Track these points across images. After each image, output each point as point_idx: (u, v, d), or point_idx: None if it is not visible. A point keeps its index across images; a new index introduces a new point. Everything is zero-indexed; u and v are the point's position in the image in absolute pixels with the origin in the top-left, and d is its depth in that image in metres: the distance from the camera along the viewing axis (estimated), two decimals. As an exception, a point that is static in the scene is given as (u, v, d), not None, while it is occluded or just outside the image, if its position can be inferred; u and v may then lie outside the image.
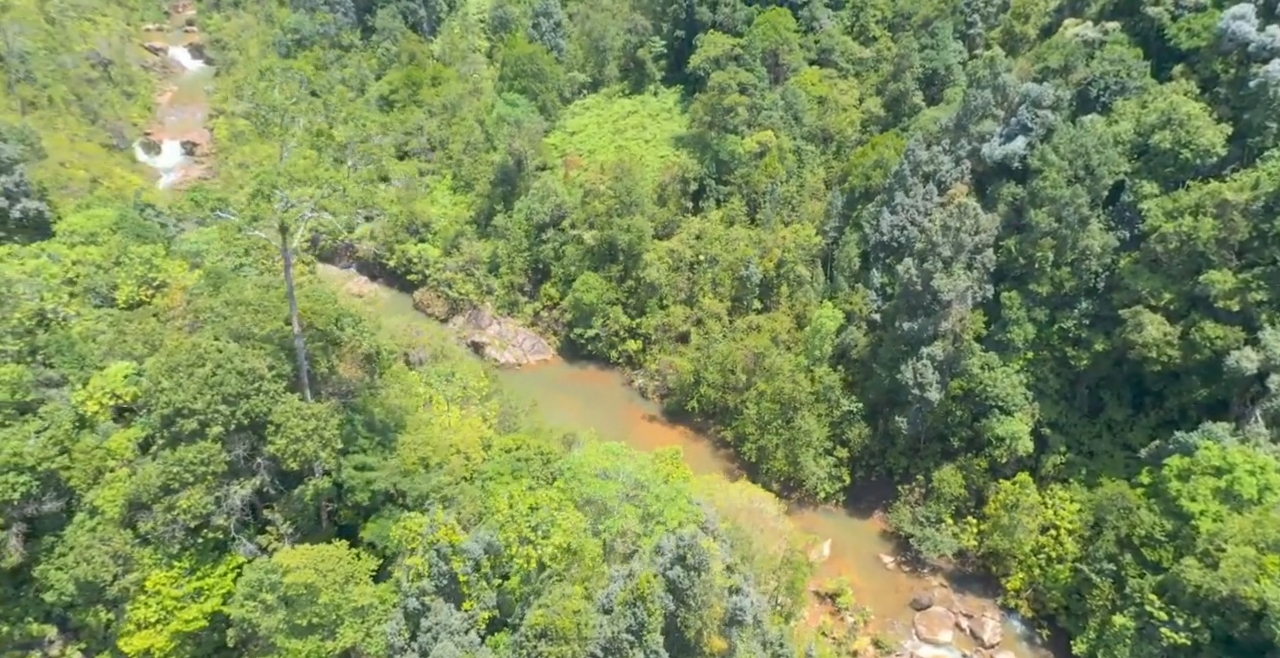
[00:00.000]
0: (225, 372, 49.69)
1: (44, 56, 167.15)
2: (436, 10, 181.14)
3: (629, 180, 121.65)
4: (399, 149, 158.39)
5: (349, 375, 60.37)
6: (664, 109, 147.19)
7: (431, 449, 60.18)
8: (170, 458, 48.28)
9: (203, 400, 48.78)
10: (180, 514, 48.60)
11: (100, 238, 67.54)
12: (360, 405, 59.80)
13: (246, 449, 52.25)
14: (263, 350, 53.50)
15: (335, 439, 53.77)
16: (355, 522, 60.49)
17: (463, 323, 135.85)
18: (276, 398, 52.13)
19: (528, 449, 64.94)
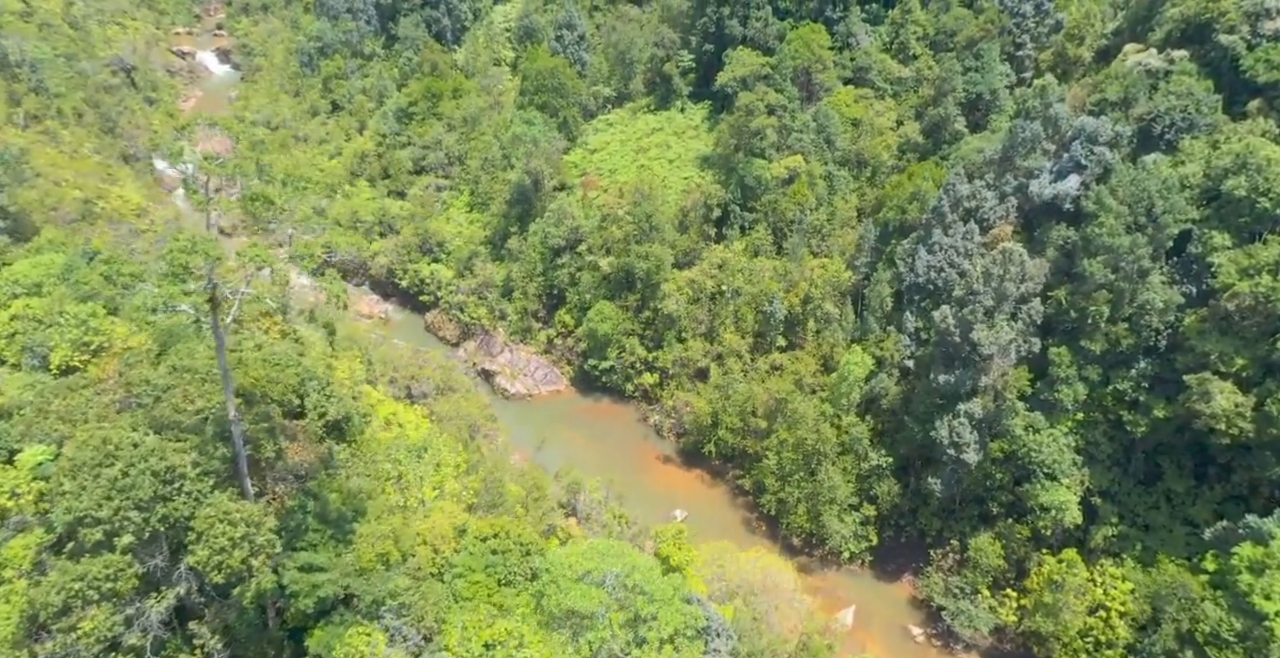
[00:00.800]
0: (138, 472, 42.35)
1: (61, 64, 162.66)
2: (461, 19, 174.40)
3: (649, 205, 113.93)
4: (416, 163, 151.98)
5: (301, 459, 53.15)
6: (690, 126, 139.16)
7: (394, 542, 53.01)
8: (71, 572, 41.11)
9: (109, 507, 41.23)
10: (82, 638, 41.47)
11: (46, 288, 61.08)
12: (316, 489, 52.69)
13: (165, 558, 45.05)
14: (187, 443, 46.05)
15: (272, 544, 46.50)
16: (308, 623, 52.98)
17: (474, 348, 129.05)
18: (200, 500, 44.67)
19: (505, 539, 57.41)
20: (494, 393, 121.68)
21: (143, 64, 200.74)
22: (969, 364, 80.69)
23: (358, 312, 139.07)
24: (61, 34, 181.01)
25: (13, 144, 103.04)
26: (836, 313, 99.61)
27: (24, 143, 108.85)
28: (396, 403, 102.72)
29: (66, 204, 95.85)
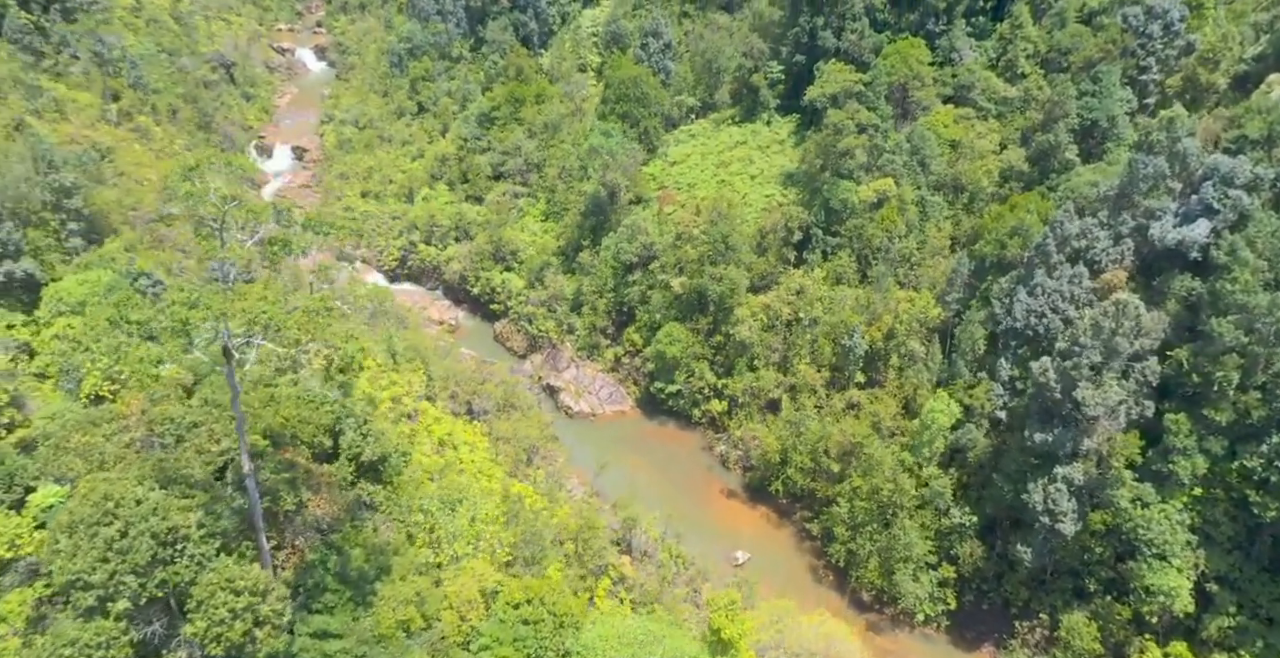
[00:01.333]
0: (137, 534, 38.41)
1: (163, 60, 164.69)
2: (548, 23, 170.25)
3: (726, 225, 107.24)
4: (495, 169, 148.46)
5: (324, 512, 48.68)
6: (776, 140, 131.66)
7: (418, 606, 48.13)
8: (63, 637, 37.46)
9: (104, 571, 37.33)
10: (73, 706, 37.93)
11: (89, 307, 58.35)
12: (339, 543, 48.21)
13: (164, 624, 41.12)
14: (194, 500, 41.87)
15: (279, 614, 41.96)
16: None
17: (540, 362, 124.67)
18: (204, 564, 40.58)
19: (539, 607, 51.93)
20: (557, 410, 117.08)
21: (243, 60, 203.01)
22: (1070, 424, 71.91)
23: (428, 317, 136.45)
24: (167, 30, 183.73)
25: (100, 143, 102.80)
26: (922, 352, 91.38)
27: (112, 141, 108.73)
28: (455, 419, 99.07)
29: (145, 204, 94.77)
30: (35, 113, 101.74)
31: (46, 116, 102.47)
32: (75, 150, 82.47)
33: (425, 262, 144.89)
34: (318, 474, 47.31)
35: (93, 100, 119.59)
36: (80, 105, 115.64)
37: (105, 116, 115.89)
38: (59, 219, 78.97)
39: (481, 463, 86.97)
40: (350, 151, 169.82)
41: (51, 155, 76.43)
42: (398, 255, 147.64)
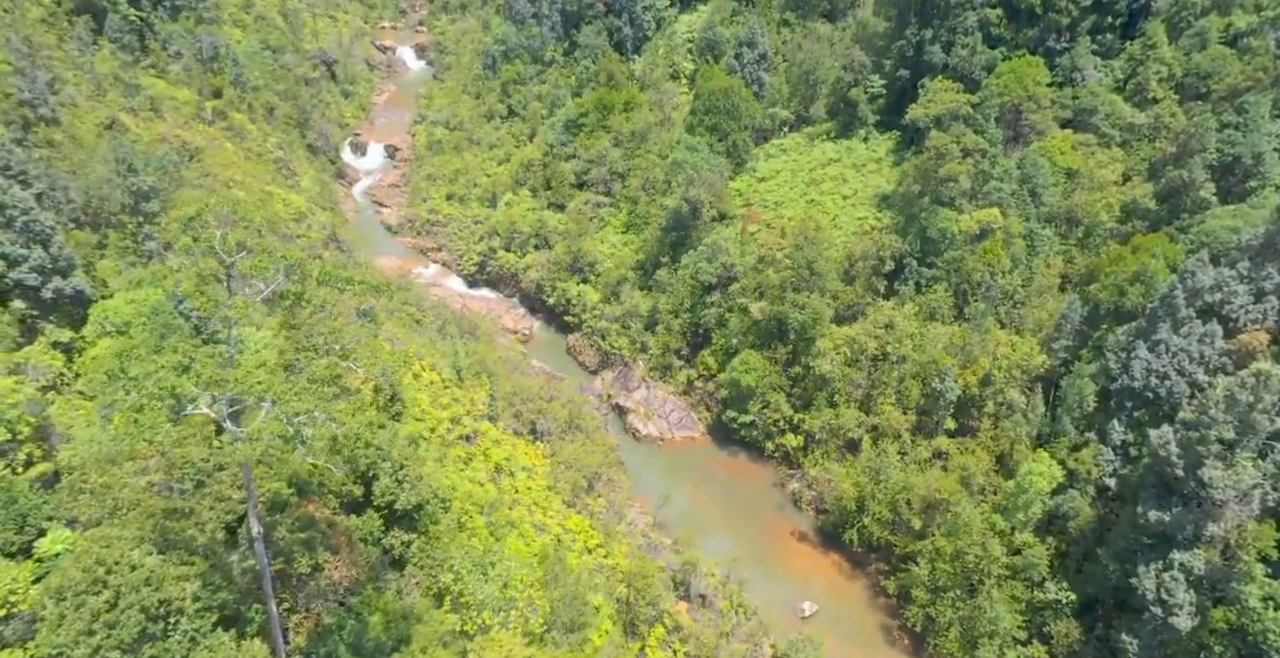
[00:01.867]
0: (127, 605, 34.49)
1: (267, 57, 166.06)
2: (643, 28, 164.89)
3: (813, 250, 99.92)
4: (579, 177, 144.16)
5: (342, 575, 44.08)
6: (872, 159, 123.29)
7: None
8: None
9: (87, 646, 33.34)
10: None
11: (134, 329, 55.84)
12: (358, 608, 43.59)
13: None
14: (194, 567, 37.51)
15: None
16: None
17: (611, 379, 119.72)
18: (198, 640, 36.43)
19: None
20: (624, 432, 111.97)
21: (344, 58, 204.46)
22: (1192, 504, 62.67)
23: (503, 326, 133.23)
24: (274, 27, 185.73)
25: (190, 142, 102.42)
26: (1022, 403, 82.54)
27: (204, 140, 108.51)
28: (517, 439, 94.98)
29: (222, 206, 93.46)
30: (131, 111, 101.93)
31: (142, 115, 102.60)
32: (160, 151, 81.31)
33: (504, 268, 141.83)
34: (340, 530, 43.17)
35: (192, 97, 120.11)
36: (179, 102, 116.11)
37: (200, 115, 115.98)
38: (136, 222, 77.71)
39: (538, 492, 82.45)
40: (439, 153, 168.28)
41: (131, 158, 75.02)
42: (477, 261, 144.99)
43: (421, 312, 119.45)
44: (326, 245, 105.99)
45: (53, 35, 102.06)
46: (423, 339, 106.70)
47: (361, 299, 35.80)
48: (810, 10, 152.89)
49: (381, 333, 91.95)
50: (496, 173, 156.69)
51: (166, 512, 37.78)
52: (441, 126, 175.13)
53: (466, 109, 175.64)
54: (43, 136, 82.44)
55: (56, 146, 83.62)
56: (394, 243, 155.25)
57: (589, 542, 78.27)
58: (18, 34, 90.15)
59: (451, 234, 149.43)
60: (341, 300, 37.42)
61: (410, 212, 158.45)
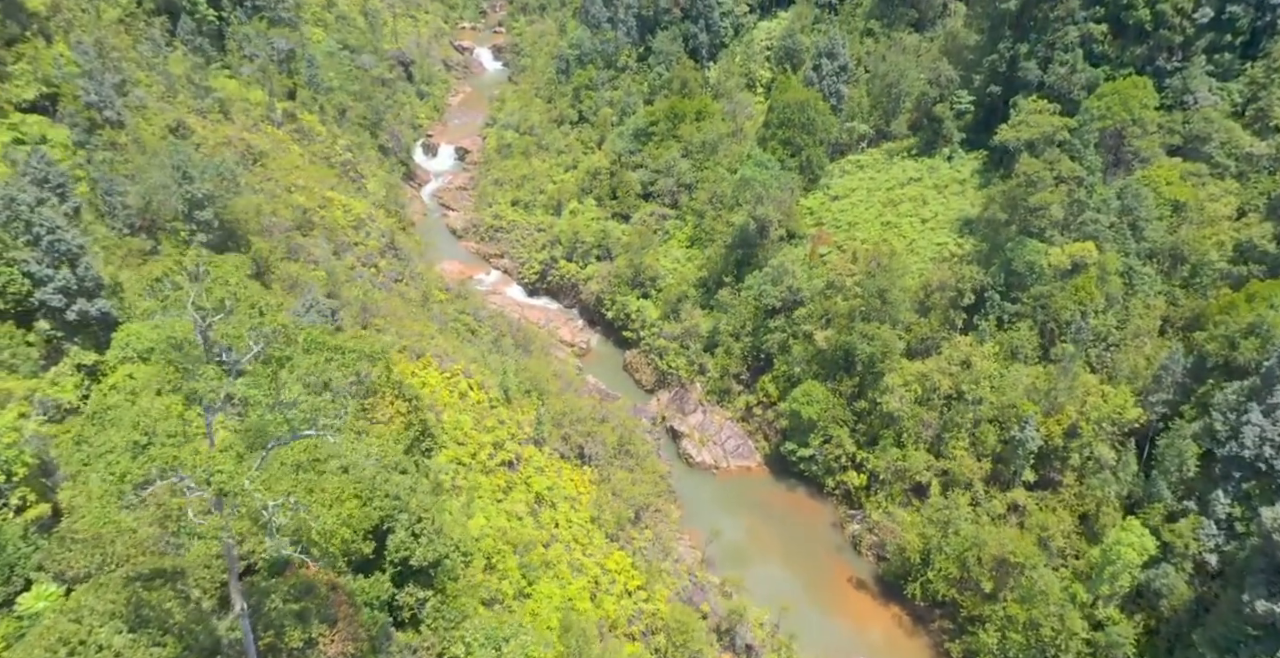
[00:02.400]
0: None
1: (344, 58, 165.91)
2: (720, 35, 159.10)
3: (885, 278, 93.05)
4: (645, 187, 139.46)
5: (337, 652, 39.68)
6: (956, 179, 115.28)
7: None
8: None
9: None
10: None
11: (155, 357, 52.73)
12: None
13: None
14: (166, 649, 33.42)
15: None
16: None
17: (666, 401, 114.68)
18: None
19: None
20: (678, 457, 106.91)
21: (421, 58, 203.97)
22: (1313, 598, 54.61)
23: (560, 338, 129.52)
24: (354, 26, 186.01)
25: (255, 146, 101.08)
26: (1112, 459, 74.58)
27: (270, 143, 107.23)
28: (563, 464, 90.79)
29: (282, 215, 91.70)
30: (200, 113, 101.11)
31: (210, 117, 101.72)
32: (220, 157, 79.46)
33: (564, 278, 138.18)
34: (343, 595, 39.17)
35: (263, 99, 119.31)
36: (249, 105, 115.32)
37: (270, 117, 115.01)
38: (189, 229, 75.91)
39: (580, 526, 77.97)
40: (508, 157, 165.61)
41: (187, 165, 73.12)
42: (538, 269, 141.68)
43: (478, 322, 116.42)
44: (384, 254, 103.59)
45: (128, 37, 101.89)
46: (475, 352, 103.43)
47: (351, 370, 31.32)
48: (897, 19, 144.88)
49: (432, 348, 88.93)
50: (563, 180, 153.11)
51: (151, 575, 34.20)
52: (512, 130, 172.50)
53: (537, 113, 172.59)
54: (106, 139, 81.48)
55: (120, 149, 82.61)
56: (458, 247, 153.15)
57: (629, 583, 73.55)
58: (90, 36, 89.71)
59: (514, 241, 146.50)
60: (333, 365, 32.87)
61: (475, 216, 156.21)
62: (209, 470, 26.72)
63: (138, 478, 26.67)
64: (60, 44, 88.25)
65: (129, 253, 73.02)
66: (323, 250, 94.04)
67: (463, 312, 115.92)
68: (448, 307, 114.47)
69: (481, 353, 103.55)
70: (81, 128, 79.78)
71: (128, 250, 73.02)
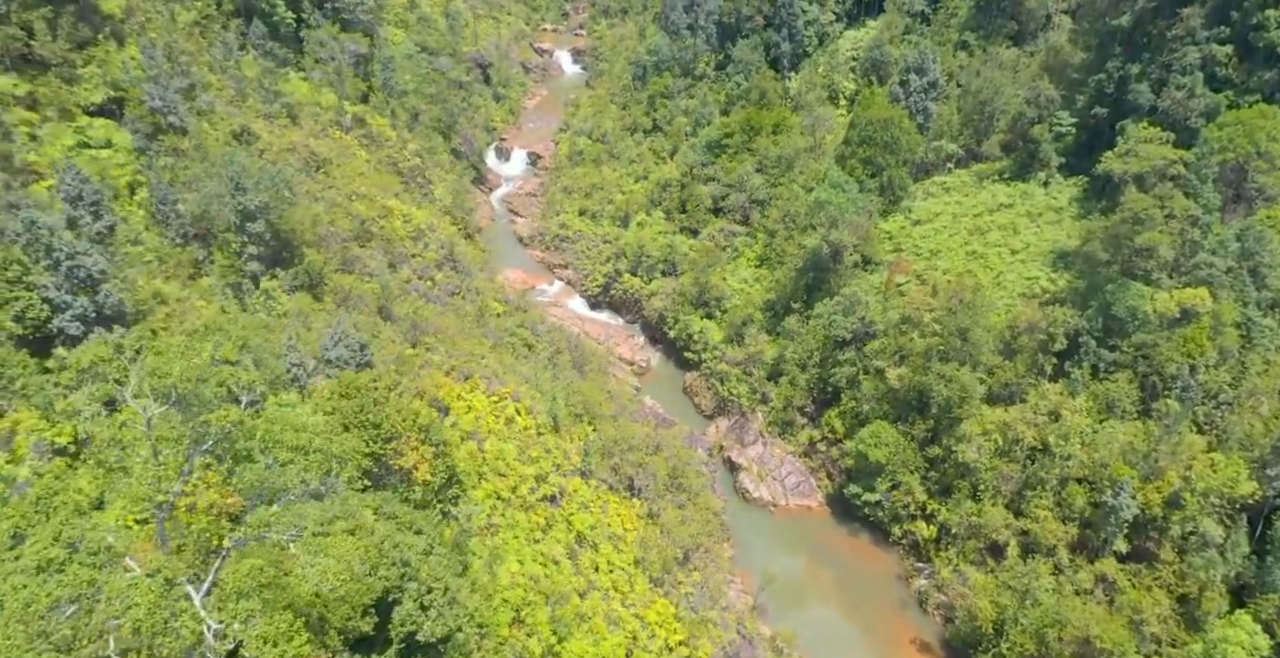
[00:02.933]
0: None
1: (421, 60, 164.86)
2: (803, 44, 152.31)
3: (968, 316, 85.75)
4: (715, 201, 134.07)
5: None
6: (1051, 207, 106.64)
7: None
8: None
9: None
10: None
11: (179, 387, 49.45)
12: None
13: None
14: None
15: None
16: None
17: (725, 429, 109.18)
18: None
19: None
20: (734, 492, 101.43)
21: (499, 61, 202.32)
22: None
23: (619, 356, 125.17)
24: (434, 28, 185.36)
25: (319, 153, 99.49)
26: (1219, 538, 66.28)
27: (336, 150, 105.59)
28: (610, 495, 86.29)
29: (340, 226, 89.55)
30: (268, 117, 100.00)
31: (277, 122, 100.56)
32: (278, 167, 77.54)
33: (627, 293, 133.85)
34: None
35: (334, 102, 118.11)
36: (319, 109, 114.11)
37: (339, 121, 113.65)
38: (240, 241, 74.03)
39: (621, 571, 73.19)
40: (579, 164, 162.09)
41: (241, 177, 71.14)
42: (602, 282, 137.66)
43: (536, 337, 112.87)
44: (441, 266, 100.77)
45: (203, 40, 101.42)
46: (529, 369, 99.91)
47: (313, 474, 26.94)
48: (994, 32, 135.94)
49: (481, 369, 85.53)
50: (632, 190, 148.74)
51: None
52: (585, 136, 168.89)
53: (611, 120, 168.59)
54: (169, 145, 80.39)
55: (182, 155, 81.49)
56: (523, 255, 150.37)
57: (670, 638, 68.60)
58: (162, 39, 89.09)
59: (579, 252, 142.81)
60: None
61: (542, 224, 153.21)
62: (127, 601, 22.70)
63: (43, 607, 22.82)
64: (132, 47, 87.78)
65: (179, 264, 71.43)
66: (378, 262, 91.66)
67: (520, 325, 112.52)
68: (506, 320, 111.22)
69: (535, 371, 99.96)
70: (144, 133, 78.77)
71: (178, 261, 71.43)
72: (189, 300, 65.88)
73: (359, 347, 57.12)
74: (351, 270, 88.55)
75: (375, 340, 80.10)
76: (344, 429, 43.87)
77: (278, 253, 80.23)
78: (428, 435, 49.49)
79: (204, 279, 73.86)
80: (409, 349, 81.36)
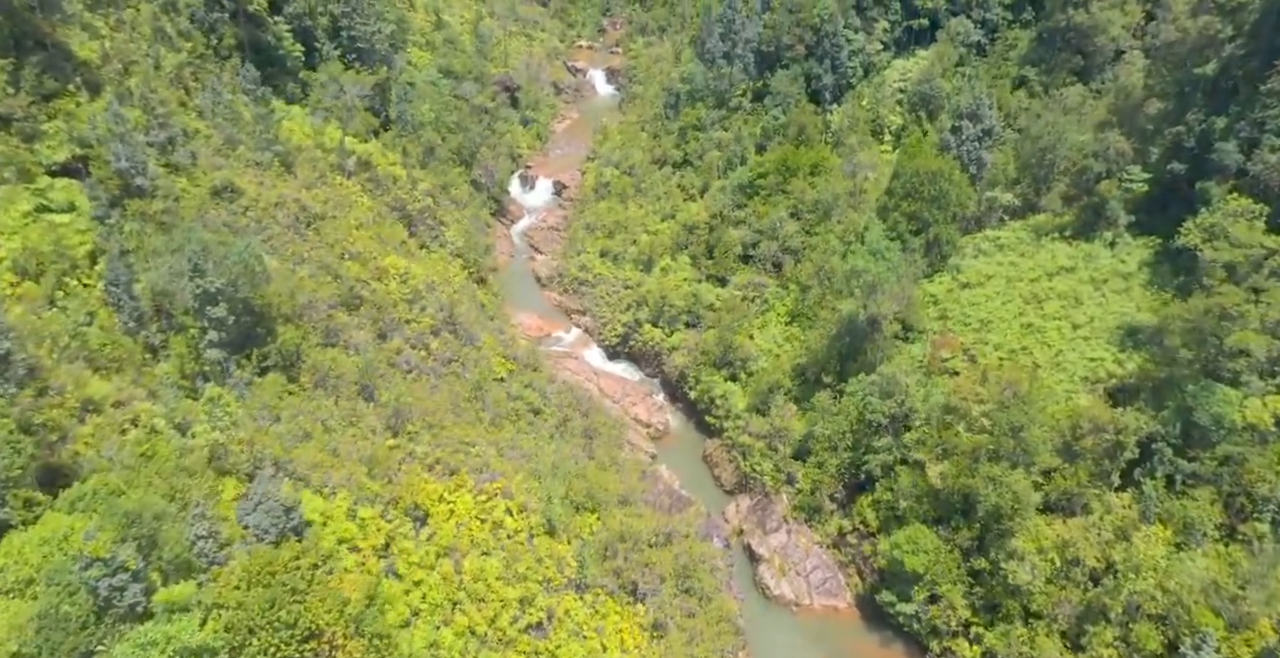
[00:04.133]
0: None
1: (443, 86, 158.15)
2: (846, 76, 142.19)
3: (1022, 412, 75.31)
4: (746, 248, 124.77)
5: None
6: (1119, 273, 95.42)
7: None
8: None
9: None
10: None
11: (35, 588, 41.72)
12: None
13: None
14: None
15: None
16: None
17: (746, 510, 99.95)
18: None
19: None
20: (753, 584, 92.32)
21: (528, 84, 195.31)
22: None
23: (635, 417, 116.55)
24: (460, 50, 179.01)
25: (310, 208, 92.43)
26: (1325, 717, 55.48)
27: (333, 200, 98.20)
28: (610, 600, 77.60)
29: (322, 294, 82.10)
30: (260, 166, 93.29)
31: (270, 172, 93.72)
32: (246, 243, 69.83)
33: (647, 345, 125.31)
34: None
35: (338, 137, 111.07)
36: (324, 150, 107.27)
37: (342, 165, 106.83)
38: (200, 327, 66.97)
39: None
40: (604, 197, 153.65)
41: (200, 258, 64.05)
42: (621, 332, 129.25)
43: (545, 399, 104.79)
44: (438, 332, 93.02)
45: (196, 81, 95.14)
46: (530, 443, 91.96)
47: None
48: (1057, 66, 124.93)
49: (470, 461, 77.46)
50: (658, 230, 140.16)
51: None
52: (612, 167, 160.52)
53: (640, 151, 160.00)
54: (134, 210, 73.82)
55: (149, 220, 74.88)
56: (540, 297, 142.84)
57: None
58: (140, 87, 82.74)
59: (598, 297, 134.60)
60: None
61: (562, 264, 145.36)
62: None
63: None
64: (107, 97, 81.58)
65: (129, 353, 64.48)
66: (366, 333, 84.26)
67: (528, 386, 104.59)
68: (513, 382, 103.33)
69: (538, 445, 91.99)
70: (106, 200, 72.21)
71: (128, 351, 64.49)
72: (130, 405, 58.90)
73: (283, 511, 49.12)
74: (335, 343, 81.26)
75: (351, 430, 72.84)
76: (249, 633, 35.99)
77: (250, 329, 73.16)
78: (359, 627, 41.39)
79: (161, 365, 67.00)
80: (390, 440, 73.65)
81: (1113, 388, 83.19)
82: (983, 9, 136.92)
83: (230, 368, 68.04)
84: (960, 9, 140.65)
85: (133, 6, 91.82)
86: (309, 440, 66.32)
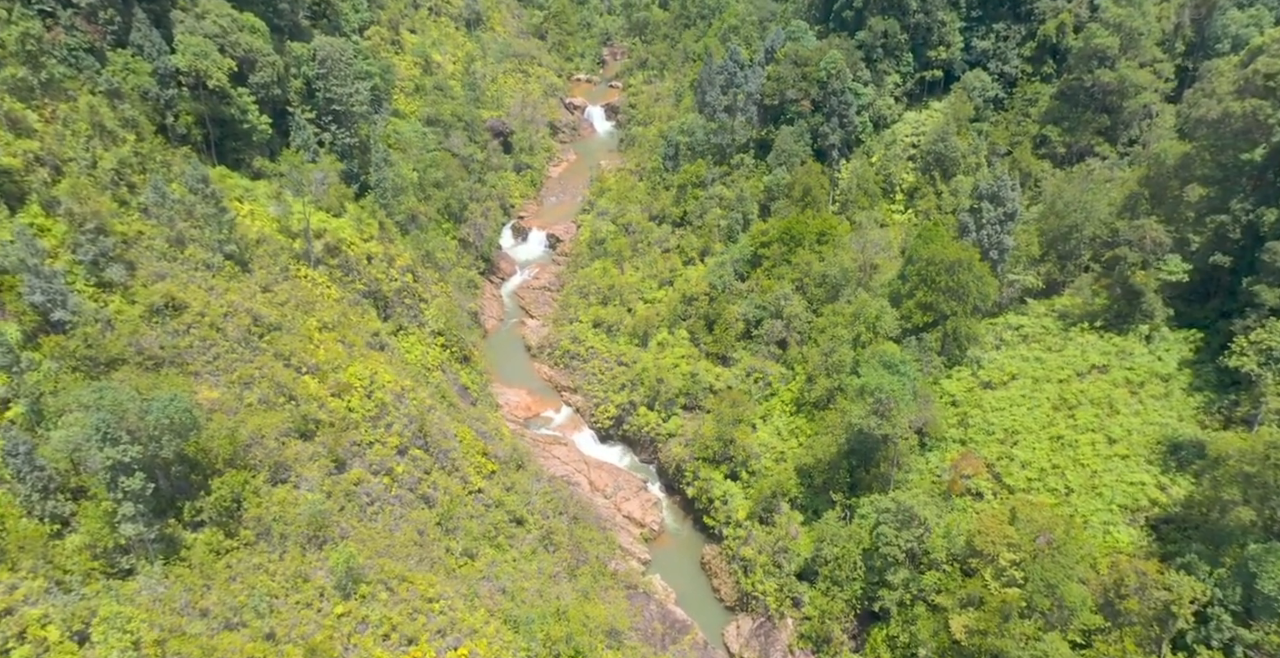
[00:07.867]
0: None
1: (430, 140, 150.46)
2: (854, 132, 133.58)
3: (1058, 565, 66.50)
4: (748, 325, 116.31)
5: None
6: (1158, 373, 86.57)
7: None
8: None
9: None
10: None
11: None
12: None
13: None
14: None
15: None
16: None
17: (748, 634, 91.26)
18: None
19: None
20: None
21: (523, 128, 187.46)
22: None
23: (628, 515, 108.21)
24: (450, 96, 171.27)
25: (264, 317, 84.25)
26: None
27: (293, 302, 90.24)
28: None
29: (273, 419, 74.11)
30: (211, 268, 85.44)
31: (222, 274, 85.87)
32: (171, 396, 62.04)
33: (643, 430, 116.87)
34: None
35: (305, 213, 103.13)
36: (289, 237, 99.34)
37: (305, 256, 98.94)
38: (114, 499, 59.02)
39: None
40: (599, 256, 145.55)
41: (109, 424, 56.26)
42: (614, 414, 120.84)
43: (529, 503, 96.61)
44: (404, 451, 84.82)
45: (144, 174, 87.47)
46: (508, 573, 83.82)
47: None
48: (1081, 126, 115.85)
49: (432, 622, 69.19)
50: (655, 299, 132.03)
51: None
52: (608, 222, 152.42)
53: (637, 205, 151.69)
54: (50, 348, 66.12)
55: (70, 356, 67.11)
56: (530, 369, 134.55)
57: None
58: (68, 194, 75.03)
59: (591, 374, 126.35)
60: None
61: (553, 333, 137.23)
62: None
63: None
64: (32, 208, 74.08)
65: (23, 544, 56.45)
66: (321, 464, 76.21)
67: (509, 489, 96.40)
68: (494, 486, 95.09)
69: (515, 573, 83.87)
70: (16, 342, 64.47)
71: (21, 541, 56.46)
72: (18, 613, 51.02)
73: None
74: (285, 479, 73.30)
75: (296, 597, 64.77)
76: None
77: (183, 480, 65.37)
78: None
79: (70, 538, 59.16)
80: (340, 606, 65.53)
81: (1156, 519, 74.40)
82: (1000, 61, 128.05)
83: (150, 541, 60.14)
84: (976, 60, 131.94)
85: (71, 98, 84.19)
86: (241, 629, 58.26)
